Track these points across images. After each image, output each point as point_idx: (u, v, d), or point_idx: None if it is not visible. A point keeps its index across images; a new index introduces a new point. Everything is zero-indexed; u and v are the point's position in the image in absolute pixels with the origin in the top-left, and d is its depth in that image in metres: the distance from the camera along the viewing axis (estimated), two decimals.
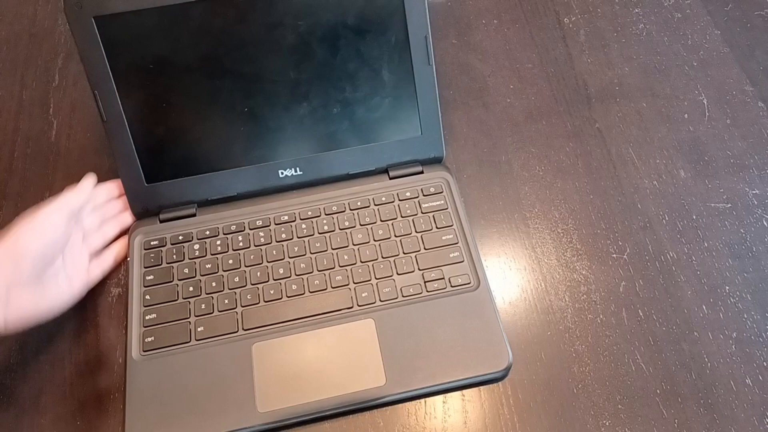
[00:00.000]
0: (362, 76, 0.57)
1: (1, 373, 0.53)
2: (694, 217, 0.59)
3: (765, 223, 0.59)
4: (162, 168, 0.57)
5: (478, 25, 0.73)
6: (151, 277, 0.55)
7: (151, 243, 0.57)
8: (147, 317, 0.53)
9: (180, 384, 0.50)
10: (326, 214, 0.58)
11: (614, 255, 0.57)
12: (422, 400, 0.51)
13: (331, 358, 0.51)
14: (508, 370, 0.51)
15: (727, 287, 0.55)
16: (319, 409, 0.49)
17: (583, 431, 0.49)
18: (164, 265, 0.56)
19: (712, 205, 0.60)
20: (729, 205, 0.60)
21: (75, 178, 0.63)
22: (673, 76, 0.68)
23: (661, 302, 0.55)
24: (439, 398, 0.51)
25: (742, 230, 0.58)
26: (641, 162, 0.63)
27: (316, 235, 0.57)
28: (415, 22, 0.56)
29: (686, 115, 0.66)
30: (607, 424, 0.49)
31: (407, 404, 0.50)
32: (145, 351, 0.52)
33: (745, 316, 0.54)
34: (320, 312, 0.53)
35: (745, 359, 0.52)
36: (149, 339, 0.52)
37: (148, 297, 0.54)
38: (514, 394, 0.51)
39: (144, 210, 0.58)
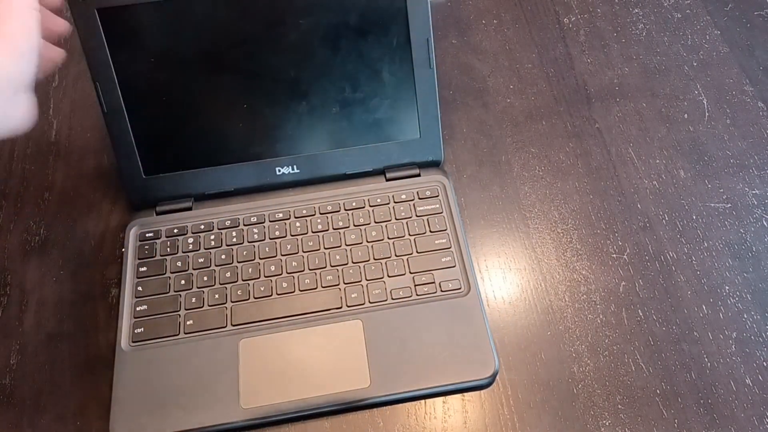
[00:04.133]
0: (362, 77, 0.57)
1: (1, 373, 0.53)
2: (694, 217, 0.59)
3: (765, 223, 0.59)
4: (160, 161, 0.57)
5: (478, 25, 0.73)
6: (144, 268, 0.55)
7: (146, 235, 0.57)
8: (138, 308, 0.53)
9: (166, 376, 0.50)
10: (321, 214, 0.58)
11: (614, 255, 0.57)
12: (422, 401, 0.51)
13: (317, 357, 0.51)
14: (493, 377, 0.50)
15: (727, 287, 0.55)
16: (301, 408, 0.49)
17: (583, 431, 0.49)
18: (158, 257, 0.56)
19: (712, 205, 0.60)
20: (729, 205, 0.60)
21: (75, 178, 0.63)
22: (673, 76, 0.68)
23: (661, 302, 0.55)
24: (438, 398, 0.51)
25: (742, 230, 0.58)
26: (641, 162, 0.63)
27: (309, 234, 0.57)
28: (418, 24, 0.55)
29: (686, 115, 0.66)
30: (607, 424, 0.49)
31: (407, 404, 0.50)
32: (134, 342, 0.52)
33: (745, 316, 0.54)
34: (309, 311, 0.53)
35: (745, 359, 0.52)
36: (139, 330, 0.52)
37: (140, 288, 0.54)
38: (514, 394, 0.51)
39: (142, 202, 0.59)
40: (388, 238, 0.57)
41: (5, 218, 0.61)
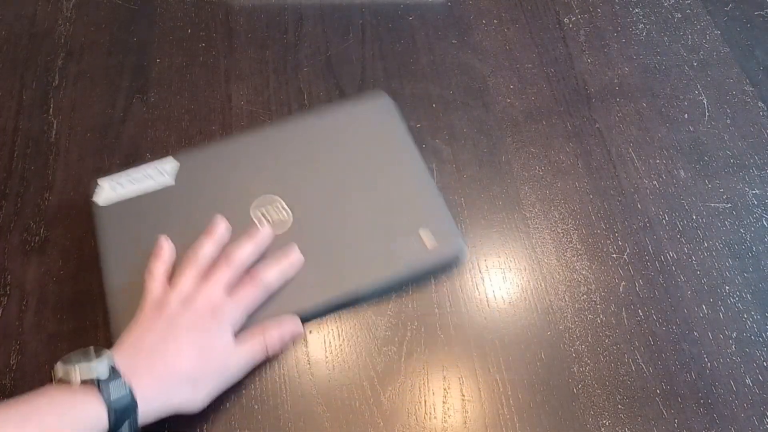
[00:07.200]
0: None
1: (1, 373, 0.53)
2: (694, 217, 0.59)
3: (765, 223, 0.59)
4: None
5: (478, 25, 0.73)
6: None
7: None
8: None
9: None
10: None
11: (614, 255, 0.57)
12: (422, 401, 0.51)
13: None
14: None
15: (727, 287, 0.55)
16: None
17: (583, 431, 0.49)
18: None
19: (712, 205, 0.60)
20: (729, 205, 0.60)
21: (75, 178, 0.63)
22: (673, 76, 0.68)
23: (661, 302, 0.55)
24: (439, 398, 0.51)
25: (742, 230, 0.58)
26: (641, 162, 0.63)
27: None
28: None
29: (686, 115, 0.66)
30: (607, 424, 0.49)
31: (407, 404, 0.50)
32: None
33: (745, 316, 0.54)
34: None
35: (745, 359, 0.52)
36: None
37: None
38: (514, 394, 0.51)
39: None
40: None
41: (5, 218, 0.61)
